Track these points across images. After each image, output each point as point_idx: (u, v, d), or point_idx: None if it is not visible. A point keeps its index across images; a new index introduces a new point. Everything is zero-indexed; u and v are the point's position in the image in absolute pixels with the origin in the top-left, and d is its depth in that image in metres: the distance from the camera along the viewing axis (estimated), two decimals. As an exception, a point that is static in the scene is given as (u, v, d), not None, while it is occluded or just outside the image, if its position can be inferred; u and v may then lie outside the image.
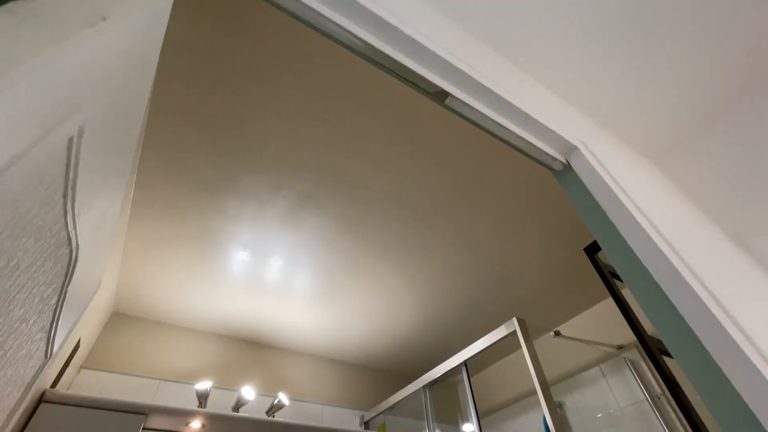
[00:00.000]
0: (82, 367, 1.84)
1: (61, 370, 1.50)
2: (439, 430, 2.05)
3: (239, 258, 1.85)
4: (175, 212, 1.63)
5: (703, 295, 0.71)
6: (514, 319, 1.59)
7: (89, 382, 1.82)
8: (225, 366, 2.21)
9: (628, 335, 2.08)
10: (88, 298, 0.99)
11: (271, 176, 1.52)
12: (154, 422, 1.60)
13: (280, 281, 2.01)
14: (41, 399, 1.38)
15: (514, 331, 1.58)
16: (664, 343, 0.72)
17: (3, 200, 0.37)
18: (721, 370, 0.64)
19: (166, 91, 1.25)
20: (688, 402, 0.80)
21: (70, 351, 1.52)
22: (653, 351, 0.77)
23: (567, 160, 0.87)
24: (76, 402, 1.42)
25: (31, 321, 0.59)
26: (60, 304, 0.69)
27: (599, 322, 2.26)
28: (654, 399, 1.87)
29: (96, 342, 1.96)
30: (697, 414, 0.80)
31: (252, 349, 2.36)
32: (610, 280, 0.91)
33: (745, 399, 0.60)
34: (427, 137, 1.43)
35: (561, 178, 0.90)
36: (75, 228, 0.59)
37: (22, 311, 0.53)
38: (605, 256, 1.05)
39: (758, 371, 0.60)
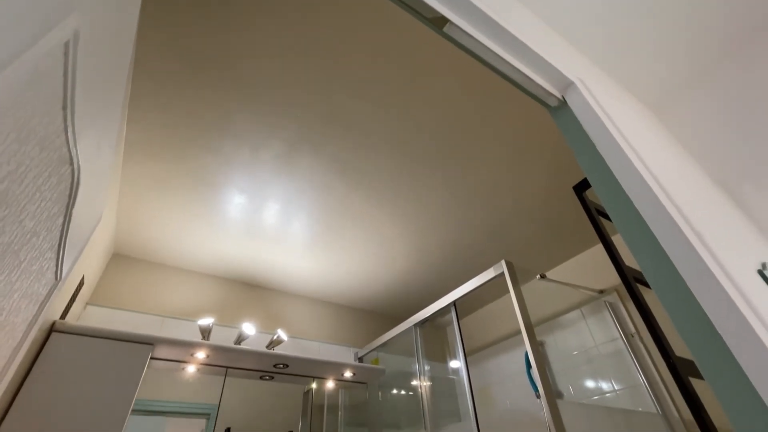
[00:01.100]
0: (87, 303, 1.92)
1: (68, 305, 1.56)
2: (428, 366, 2.20)
3: (236, 201, 1.87)
4: (169, 152, 1.62)
5: (686, 231, 0.75)
6: (503, 262, 1.66)
7: (95, 317, 1.90)
8: (225, 306, 2.31)
9: (609, 280, 2.19)
10: (90, 229, 1.02)
11: (266, 116, 1.50)
12: (161, 352, 1.70)
13: (276, 226, 2.05)
14: (52, 329, 1.46)
15: (502, 273, 1.65)
16: (644, 274, 0.77)
17: (6, 100, 0.38)
18: (697, 300, 0.68)
19: (156, 21, 1.19)
20: (660, 330, 0.87)
21: (76, 286, 1.57)
22: (629, 279, 0.83)
23: (563, 96, 0.88)
24: (85, 332, 1.50)
25: (41, 236, 0.62)
26: (66, 226, 0.71)
27: (583, 269, 2.37)
28: (628, 337, 2.02)
29: (99, 281, 2.02)
30: (667, 341, 0.88)
31: (251, 291, 2.46)
32: (595, 217, 0.95)
33: (716, 326, 0.65)
34: (426, 82, 1.41)
35: (556, 115, 0.91)
36: (75, 147, 0.60)
37: (33, 224, 0.55)
38: (593, 194, 1.09)
39: (733, 303, 0.64)
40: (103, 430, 1.35)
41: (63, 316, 1.54)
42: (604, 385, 2.03)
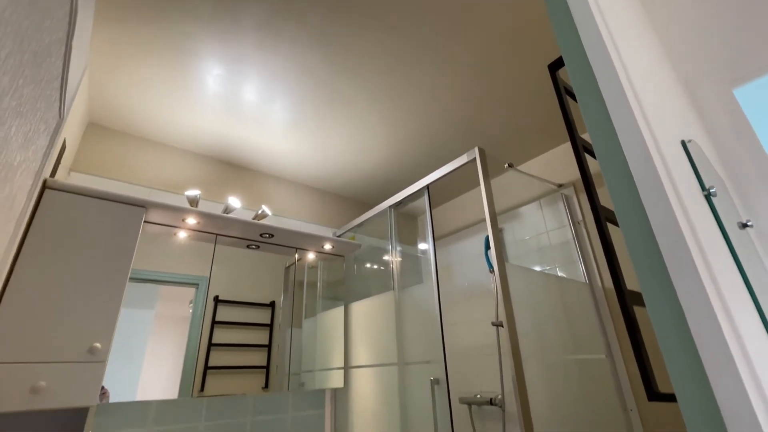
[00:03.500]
0: (71, 169, 1.94)
1: (54, 166, 1.59)
2: (399, 247, 2.45)
3: (215, 72, 1.82)
4: (141, 12, 1.51)
5: (634, 105, 0.86)
6: (476, 149, 1.78)
7: (82, 183, 1.95)
8: (209, 183, 2.39)
9: (570, 175, 2.41)
10: (80, 73, 1.02)
11: (246, -26, 1.40)
12: (154, 216, 1.82)
13: (256, 103, 2.04)
14: (44, 186, 1.51)
15: (474, 159, 1.79)
16: (592, 141, 0.90)
17: None
18: (624, 155, 0.82)
19: None
20: (593, 186, 1.03)
21: (59, 148, 1.58)
22: (578, 147, 0.96)
23: (553, -35, 0.89)
24: (79, 191, 1.56)
25: (52, 59, 0.65)
26: (67, 57, 0.74)
27: (548, 165, 2.56)
28: (575, 224, 2.31)
29: (78, 149, 2.02)
30: (598, 198, 1.04)
31: (233, 170, 2.53)
32: (563, 95, 1.05)
33: (635, 178, 0.80)
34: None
35: (544, -14, 0.93)
36: (73, -35, 0.60)
37: (48, 41, 0.59)
38: (566, 75, 1.17)
39: (650, 158, 0.79)
40: (106, 289, 1.50)
41: (51, 176, 1.58)
42: (548, 263, 2.39)
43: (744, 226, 1.02)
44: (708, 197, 0.84)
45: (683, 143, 0.91)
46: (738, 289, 0.78)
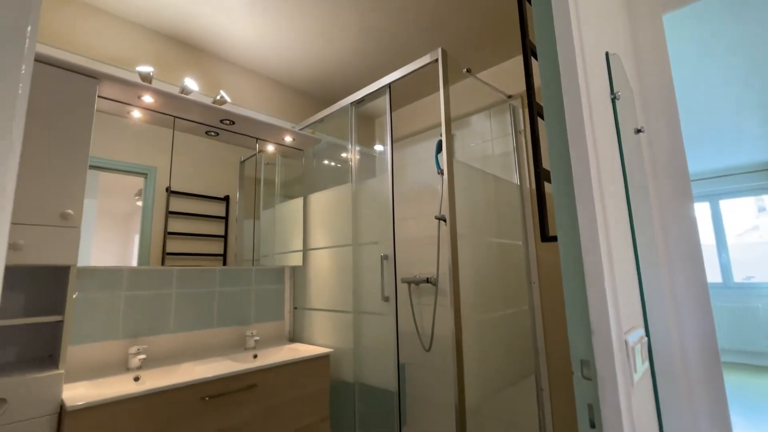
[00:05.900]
0: None
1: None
2: (358, 147, 2.57)
3: (165, -73, 1.62)
4: None
5: (574, 29, 1.00)
6: (439, 50, 1.86)
7: (13, 47, 1.76)
8: (163, 63, 2.24)
9: (519, 88, 2.59)
10: None
11: None
12: (107, 91, 1.74)
13: (214, -27, 1.87)
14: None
15: (437, 60, 1.88)
16: (537, 43, 1.05)
17: None
18: (558, 62, 1.00)
19: None
20: (533, 97, 1.23)
21: None
22: (527, 48, 1.12)
23: None
24: (21, 53, 1.45)
25: None
26: None
27: (501, 76, 2.71)
28: (517, 133, 2.57)
29: None
30: (535, 98, 1.25)
31: (189, 52, 2.36)
32: (523, 3, 1.16)
33: (562, 84, 0.99)
34: None
35: None
36: None
37: None
38: (526, -20, 1.26)
39: (578, 90, 0.96)
40: (70, 161, 1.50)
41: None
42: (489, 168, 2.69)
43: (638, 131, 1.30)
44: (613, 101, 1.07)
45: (606, 54, 1.10)
46: (615, 175, 1.06)
